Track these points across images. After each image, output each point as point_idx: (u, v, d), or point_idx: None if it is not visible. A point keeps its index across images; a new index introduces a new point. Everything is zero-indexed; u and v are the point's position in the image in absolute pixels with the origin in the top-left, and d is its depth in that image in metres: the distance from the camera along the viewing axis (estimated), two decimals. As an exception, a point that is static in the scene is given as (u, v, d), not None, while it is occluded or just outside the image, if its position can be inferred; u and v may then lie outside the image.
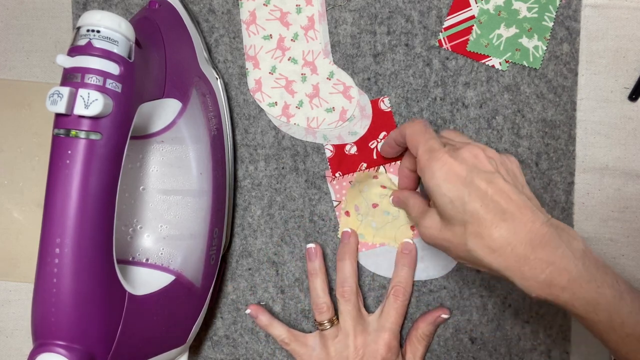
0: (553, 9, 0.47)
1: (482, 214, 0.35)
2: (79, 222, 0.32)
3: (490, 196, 0.35)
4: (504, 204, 0.35)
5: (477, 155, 0.37)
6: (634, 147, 0.48)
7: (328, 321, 0.47)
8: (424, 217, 0.40)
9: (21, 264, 0.51)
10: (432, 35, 0.48)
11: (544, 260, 0.34)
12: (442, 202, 0.37)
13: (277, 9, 0.48)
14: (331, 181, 0.49)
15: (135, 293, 0.37)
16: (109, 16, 0.34)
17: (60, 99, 0.32)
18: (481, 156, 0.37)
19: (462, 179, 0.36)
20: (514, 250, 0.35)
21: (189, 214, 0.44)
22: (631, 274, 0.49)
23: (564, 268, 0.34)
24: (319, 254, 0.48)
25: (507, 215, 0.35)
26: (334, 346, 0.46)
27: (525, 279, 0.35)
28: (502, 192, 0.36)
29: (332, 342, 0.47)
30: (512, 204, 0.35)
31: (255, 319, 0.49)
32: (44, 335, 0.33)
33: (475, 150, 0.37)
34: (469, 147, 0.38)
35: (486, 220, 0.35)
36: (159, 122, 0.42)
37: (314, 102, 0.49)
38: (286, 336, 0.48)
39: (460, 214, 0.36)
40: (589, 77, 0.48)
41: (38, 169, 0.51)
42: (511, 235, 0.35)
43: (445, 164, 0.37)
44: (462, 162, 0.37)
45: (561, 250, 0.35)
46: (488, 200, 0.35)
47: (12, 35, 0.51)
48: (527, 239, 0.35)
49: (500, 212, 0.35)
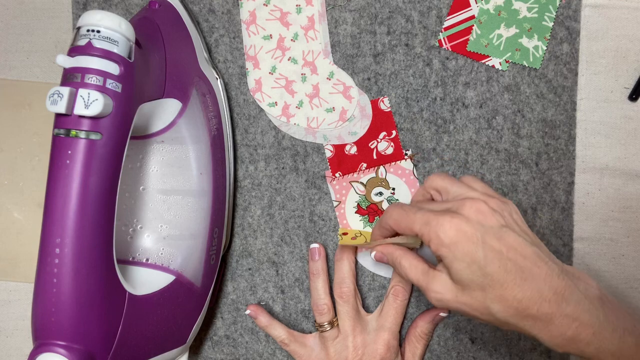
0: (553, 9, 0.47)
1: (502, 276, 0.34)
2: (79, 222, 0.32)
3: (505, 255, 0.34)
4: (521, 261, 0.34)
5: (481, 210, 0.35)
6: (634, 147, 0.48)
7: (328, 323, 0.47)
8: (433, 282, 0.37)
9: (21, 264, 0.51)
10: (432, 35, 0.48)
11: (570, 317, 0.33)
12: (458, 267, 0.34)
13: (277, 9, 0.48)
14: (331, 181, 0.49)
15: (136, 293, 0.37)
16: (109, 16, 0.34)
17: (60, 99, 0.32)
18: (485, 210, 0.35)
19: (474, 240, 0.34)
20: (540, 309, 0.34)
21: (189, 214, 0.44)
22: (631, 274, 0.49)
23: (588, 322, 0.33)
24: (322, 255, 0.48)
25: (525, 273, 0.34)
26: (333, 347, 0.46)
27: (553, 337, 0.34)
28: (515, 249, 0.34)
29: (331, 342, 0.47)
30: (528, 261, 0.34)
31: (255, 319, 0.49)
32: (44, 335, 0.33)
33: (477, 205, 0.35)
34: (470, 203, 0.36)
35: (507, 282, 0.34)
36: (159, 122, 0.42)
37: (314, 102, 0.49)
38: (286, 337, 0.48)
39: (479, 278, 0.34)
40: (589, 77, 0.48)
41: (38, 169, 0.51)
42: (535, 294, 0.33)
43: (451, 228, 0.34)
44: (467, 221, 0.35)
45: (583, 303, 0.34)
46: (505, 259, 0.34)
47: (12, 35, 0.51)
48: (550, 295, 0.33)
49: (519, 271, 0.34)
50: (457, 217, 0.35)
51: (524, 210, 0.49)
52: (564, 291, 0.34)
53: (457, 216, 0.35)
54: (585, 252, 0.49)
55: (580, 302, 0.34)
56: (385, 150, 0.49)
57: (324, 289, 0.47)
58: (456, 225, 0.34)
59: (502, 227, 0.35)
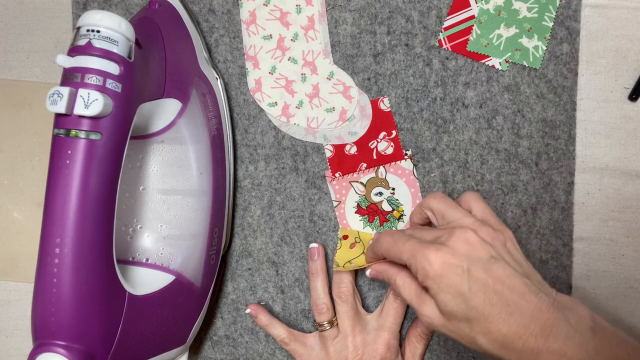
0: (553, 9, 0.47)
1: (487, 309, 0.33)
2: (79, 222, 0.33)
3: (492, 287, 0.34)
4: (508, 294, 0.34)
5: (470, 241, 0.35)
6: (634, 147, 0.48)
7: (328, 322, 0.47)
8: (422, 305, 0.37)
9: (21, 264, 0.51)
10: (432, 35, 0.48)
11: (557, 352, 0.33)
12: (443, 299, 0.35)
13: (277, 9, 0.48)
14: (331, 181, 0.49)
15: (135, 293, 0.37)
16: (109, 16, 0.34)
17: (60, 99, 0.32)
18: (474, 241, 0.35)
19: (459, 273, 0.34)
20: (525, 344, 0.33)
21: (189, 214, 0.44)
22: (631, 274, 0.49)
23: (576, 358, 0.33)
24: (321, 254, 0.48)
25: (512, 307, 0.33)
26: (333, 346, 0.46)
27: None
28: (503, 281, 0.34)
29: (331, 342, 0.47)
30: (515, 294, 0.34)
31: (255, 318, 0.49)
32: (44, 335, 0.33)
33: (466, 235, 0.35)
34: (458, 234, 0.35)
35: (492, 316, 0.33)
36: (159, 122, 0.42)
37: (314, 102, 0.49)
38: (286, 336, 0.48)
39: (464, 310, 0.34)
40: (589, 77, 0.48)
41: (38, 169, 0.51)
42: (520, 329, 0.33)
43: (436, 260, 0.34)
44: (453, 253, 0.34)
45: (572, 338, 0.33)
46: (490, 292, 0.34)
47: (12, 35, 0.51)
48: (536, 330, 0.33)
49: (505, 304, 0.33)
50: (442, 249, 0.35)
51: (523, 210, 0.49)
52: (553, 325, 0.33)
53: (443, 248, 0.35)
54: (585, 252, 0.49)
55: (570, 336, 0.33)
56: (385, 150, 0.49)
57: (322, 289, 0.47)
58: (441, 258, 0.34)
59: (491, 258, 0.35)
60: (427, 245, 0.36)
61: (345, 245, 0.49)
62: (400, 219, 0.49)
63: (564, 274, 0.49)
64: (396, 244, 0.38)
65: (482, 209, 0.39)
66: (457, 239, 0.35)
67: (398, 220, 0.49)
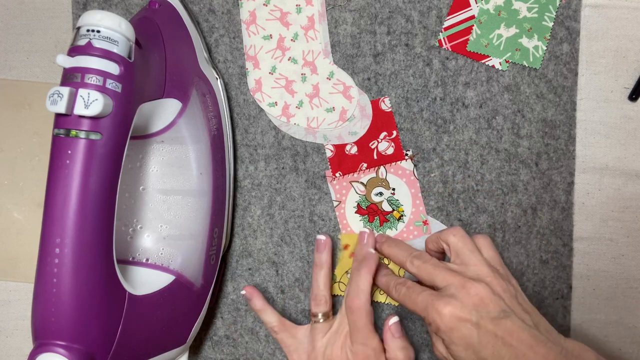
0: (553, 9, 0.47)
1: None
2: (79, 222, 0.32)
3: (501, 340, 0.35)
4: (517, 346, 0.35)
5: (481, 296, 0.36)
6: (634, 147, 0.48)
7: (323, 314, 0.46)
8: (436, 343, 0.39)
9: (21, 264, 0.51)
10: (432, 35, 0.48)
11: None
12: (455, 350, 0.37)
13: (277, 9, 0.48)
14: (331, 181, 0.49)
15: (135, 293, 0.37)
16: (109, 16, 0.34)
17: (60, 99, 0.32)
18: (485, 295, 0.36)
19: (469, 326, 0.36)
20: None
21: (189, 214, 0.44)
22: (631, 274, 0.49)
23: None
24: (327, 247, 0.48)
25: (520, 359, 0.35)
26: (320, 341, 0.45)
27: None
28: (512, 334, 0.35)
29: (320, 337, 0.45)
30: (524, 345, 0.35)
31: (249, 301, 0.48)
32: (44, 335, 0.33)
33: (478, 290, 0.37)
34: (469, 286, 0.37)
35: None
36: (159, 122, 0.42)
37: (314, 102, 0.49)
38: (276, 324, 0.47)
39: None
40: (589, 77, 0.48)
41: (38, 169, 0.51)
42: None
43: (448, 314, 0.36)
44: (464, 306, 0.36)
45: None
46: (499, 345, 0.35)
47: (12, 35, 0.51)
48: None
49: (514, 356, 0.35)
50: (452, 303, 0.36)
51: (523, 210, 0.49)
52: None
53: (453, 301, 0.36)
54: (585, 252, 0.49)
55: None
56: (386, 150, 0.49)
57: (324, 283, 0.46)
58: (451, 312, 0.36)
59: (501, 311, 0.36)
60: (438, 297, 0.37)
61: (345, 256, 0.49)
62: (401, 219, 0.49)
63: (564, 274, 0.49)
64: (410, 296, 0.39)
65: (492, 257, 0.40)
66: (467, 293, 0.37)
67: (398, 221, 0.49)
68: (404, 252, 0.42)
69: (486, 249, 0.41)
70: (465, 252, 0.40)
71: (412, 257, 0.41)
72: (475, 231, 0.49)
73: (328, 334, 0.45)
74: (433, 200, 0.49)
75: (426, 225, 0.49)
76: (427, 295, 0.38)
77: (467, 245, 0.40)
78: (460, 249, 0.40)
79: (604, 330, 0.49)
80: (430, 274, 0.39)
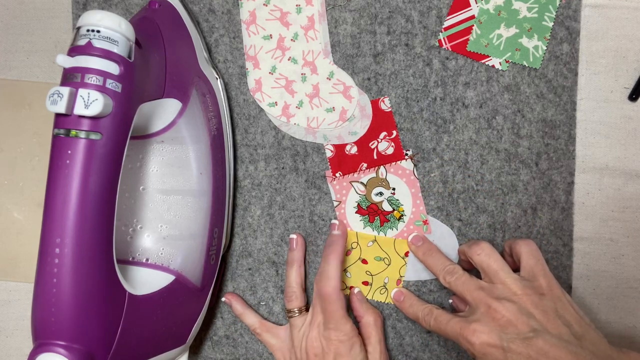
0: (553, 9, 0.47)
1: None
2: (79, 222, 0.32)
3: None
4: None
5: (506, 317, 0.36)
6: (634, 147, 0.48)
7: (297, 309, 0.47)
8: None
9: (21, 264, 0.51)
10: (432, 35, 0.48)
11: None
12: None
13: (277, 9, 0.48)
14: (331, 181, 0.49)
15: (135, 293, 0.37)
16: (109, 16, 0.34)
17: (60, 99, 0.32)
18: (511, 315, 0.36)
19: (500, 351, 0.35)
20: None
21: (189, 214, 0.44)
22: (631, 274, 0.49)
23: None
24: (299, 245, 0.49)
25: None
26: (297, 335, 0.46)
27: None
28: (547, 354, 0.34)
29: (297, 331, 0.46)
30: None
31: (230, 307, 0.49)
32: (44, 335, 0.33)
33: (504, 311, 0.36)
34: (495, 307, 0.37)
35: None
36: (159, 122, 0.42)
37: (314, 102, 0.49)
38: (258, 326, 0.48)
39: None
40: (589, 77, 0.48)
41: (38, 169, 0.51)
42: None
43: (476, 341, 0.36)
44: (491, 332, 0.36)
45: None
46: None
47: (12, 35, 0.51)
48: None
49: None
50: (480, 330, 0.36)
51: (523, 210, 0.49)
52: None
53: (482, 329, 0.36)
54: (585, 252, 0.49)
55: None
56: (386, 150, 0.49)
57: (295, 279, 0.47)
58: (479, 339, 0.36)
59: (532, 330, 0.35)
60: (466, 326, 0.37)
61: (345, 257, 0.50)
62: (401, 219, 0.49)
63: (564, 274, 0.49)
64: (440, 324, 0.40)
65: (532, 266, 0.39)
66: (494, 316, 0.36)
67: (398, 220, 0.49)
68: (438, 265, 0.43)
69: (526, 257, 0.40)
70: (491, 270, 0.40)
71: (444, 273, 0.42)
72: (475, 231, 0.49)
73: (303, 326, 0.46)
74: (433, 200, 0.49)
75: (426, 225, 0.49)
76: (454, 325, 0.38)
77: (494, 264, 0.40)
78: (486, 267, 0.40)
79: (604, 330, 0.49)
80: (461, 292, 0.40)
